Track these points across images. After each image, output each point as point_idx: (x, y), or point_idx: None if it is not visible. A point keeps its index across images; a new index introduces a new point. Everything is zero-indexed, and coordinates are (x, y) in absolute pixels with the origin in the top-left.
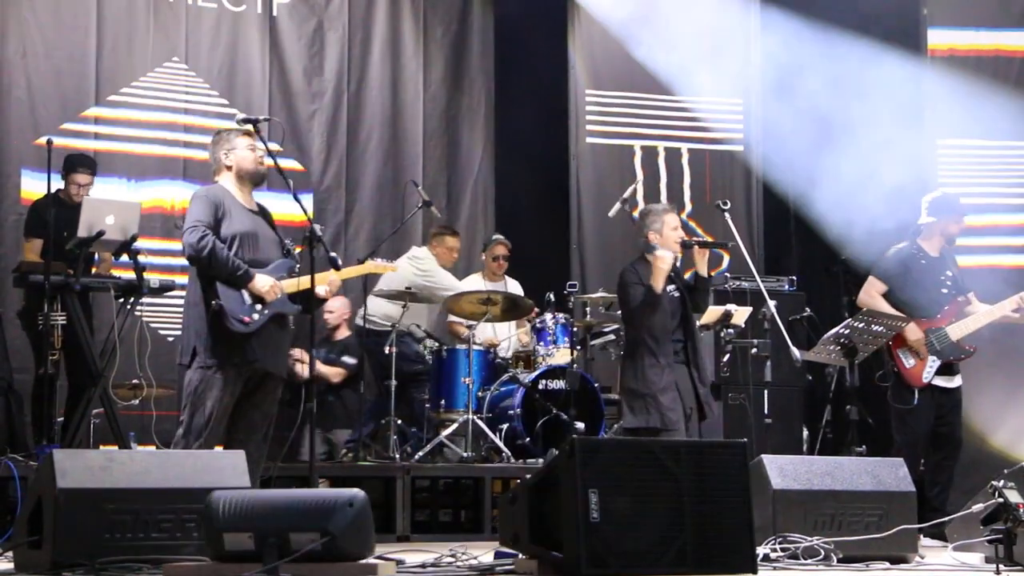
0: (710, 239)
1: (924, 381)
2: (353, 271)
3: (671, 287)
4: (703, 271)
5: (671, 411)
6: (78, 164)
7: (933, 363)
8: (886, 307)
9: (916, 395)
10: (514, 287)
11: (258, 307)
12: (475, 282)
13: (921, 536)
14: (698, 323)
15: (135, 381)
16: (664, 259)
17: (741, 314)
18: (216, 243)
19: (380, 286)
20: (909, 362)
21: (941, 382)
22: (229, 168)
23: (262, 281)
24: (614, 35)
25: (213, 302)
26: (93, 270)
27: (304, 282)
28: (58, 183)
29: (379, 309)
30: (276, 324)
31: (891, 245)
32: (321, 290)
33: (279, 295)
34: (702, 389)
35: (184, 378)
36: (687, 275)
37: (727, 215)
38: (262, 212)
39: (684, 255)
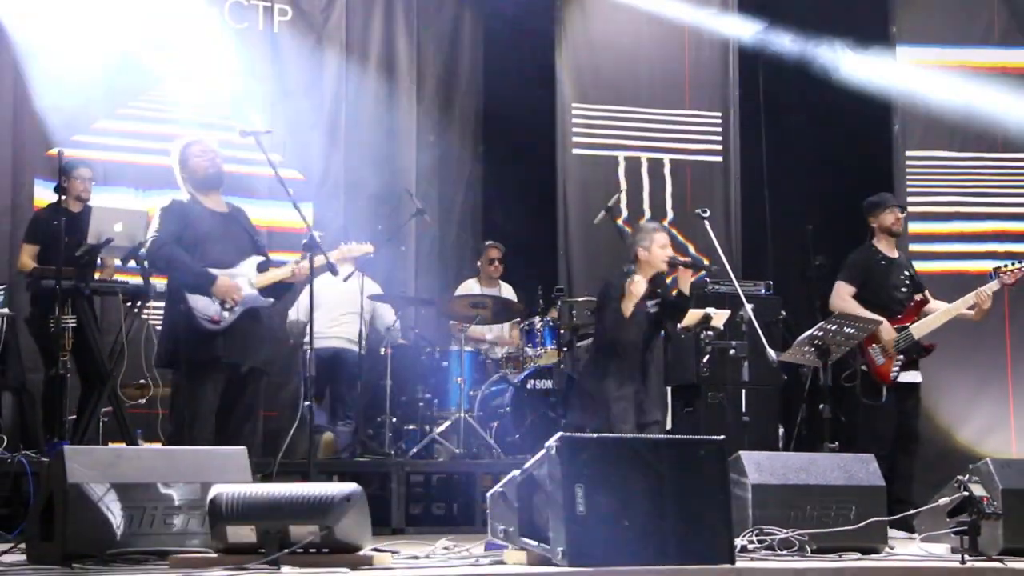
0: (687, 259)
1: (892, 379)
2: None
3: (651, 302)
4: (686, 290)
5: (620, 421)
6: (76, 164)
7: (899, 361)
8: (860, 309)
9: (884, 392)
10: (508, 292)
11: (227, 304)
12: (471, 287)
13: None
14: (678, 326)
15: (142, 381)
16: (637, 285)
17: (720, 317)
18: (175, 254)
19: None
20: (879, 360)
21: (905, 378)
22: (185, 180)
23: (221, 287)
24: (599, 51)
25: (181, 304)
26: (97, 275)
27: (276, 275)
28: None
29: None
30: (249, 318)
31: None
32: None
33: (244, 294)
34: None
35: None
36: (674, 292)
37: (706, 222)
38: (233, 213)
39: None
